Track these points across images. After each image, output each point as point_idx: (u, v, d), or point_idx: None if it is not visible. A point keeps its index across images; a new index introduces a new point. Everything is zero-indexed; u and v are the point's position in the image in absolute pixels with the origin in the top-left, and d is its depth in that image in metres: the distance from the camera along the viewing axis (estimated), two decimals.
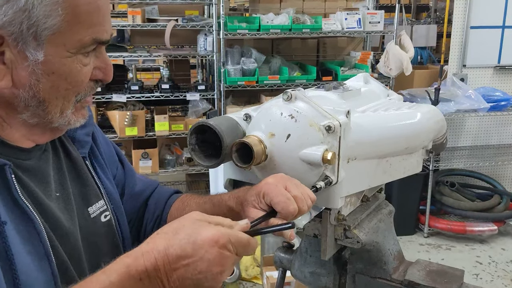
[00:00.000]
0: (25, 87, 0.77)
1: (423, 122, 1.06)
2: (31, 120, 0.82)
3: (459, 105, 4.02)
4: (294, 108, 0.88)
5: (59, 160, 0.94)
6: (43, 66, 0.76)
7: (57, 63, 0.77)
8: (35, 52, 0.75)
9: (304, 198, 0.84)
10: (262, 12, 4.05)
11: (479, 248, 4.05)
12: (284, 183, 0.85)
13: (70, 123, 0.85)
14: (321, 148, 0.85)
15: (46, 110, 0.81)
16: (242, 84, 3.77)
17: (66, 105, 0.82)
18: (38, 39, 0.75)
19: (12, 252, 0.75)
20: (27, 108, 0.80)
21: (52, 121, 0.83)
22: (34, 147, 0.87)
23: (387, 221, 1.09)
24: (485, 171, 4.49)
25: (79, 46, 0.78)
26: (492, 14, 4.28)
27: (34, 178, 0.85)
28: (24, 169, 0.84)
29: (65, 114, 0.83)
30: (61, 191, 0.91)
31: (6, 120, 0.82)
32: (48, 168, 0.89)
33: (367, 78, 1.22)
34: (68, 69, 0.79)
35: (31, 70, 0.76)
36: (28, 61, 0.76)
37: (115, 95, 3.58)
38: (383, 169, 1.02)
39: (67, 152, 0.96)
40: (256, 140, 0.89)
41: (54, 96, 0.80)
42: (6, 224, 0.75)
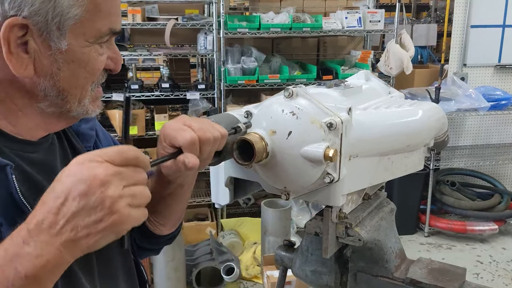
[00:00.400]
0: (46, 76, 0.79)
1: (424, 120, 1.05)
2: (48, 110, 0.83)
3: (460, 104, 4.02)
4: (295, 105, 0.88)
5: (66, 153, 0.94)
6: (64, 55, 0.78)
7: (78, 52, 0.79)
8: (59, 41, 0.77)
9: (205, 127, 0.81)
10: (262, 11, 4.04)
11: (479, 247, 4.05)
12: (182, 120, 0.83)
13: (88, 112, 0.86)
14: (323, 145, 0.85)
15: (65, 100, 0.82)
16: (242, 83, 3.77)
17: (83, 95, 0.83)
18: (61, 29, 0.76)
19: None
20: (46, 98, 0.81)
21: (71, 110, 0.84)
22: (41, 139, 0.87)
23: (388, 219, 1.08)
24: (486, 170, 4.49)
25: (97, 36, 0.80)
26: (493, 13, 4.28)
27: (41, 170, 0.85)
28: (31, 162, 0.84)
29: (83, 103, 0.84)
30: None
31: (22, 110, 0.82)
32: (55, 160, 0.90)
33: (368, 75, 1.21)
34: (87, 58, 0.80)
35: (53, 59, 0.78)
36: (51, 50, 0.77)
37: (115, 94, 3.57)
38: (385, 167, 1.02)
39: (73, 146, 0.97)
40: (257, 137, 0.88)
41: (73, 85, 0.81)
42: (2, 225, 0.75)
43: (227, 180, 1.06)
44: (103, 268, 0.95)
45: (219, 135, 0.83)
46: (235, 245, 3.67)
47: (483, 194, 4.38)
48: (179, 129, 0.81)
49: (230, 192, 1.09)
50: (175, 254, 3.04)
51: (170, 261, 3.04)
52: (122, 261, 1.03)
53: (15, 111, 0.82)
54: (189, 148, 0.80)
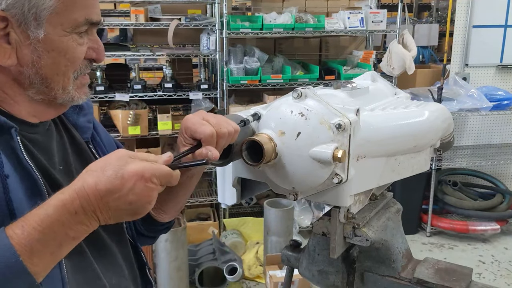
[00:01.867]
0: (28, 64, 0.84)
1: (431, 120, 1.06)
2: (36, 97, 0.89)
3: (462, 104, 4.03)
4: (304, 106, 0.88)
5: (62, 139, 1.00)
6: (43, 44, 0.84)
7: (56, 41, 0.85)
8: (36, 31, 0.83)
9: (222, 123, 0.88)
10: (265, 11, 4.04)
11: (481, 247, 4.06)
12: (201, 115, 0.90)
13: (74, 99, 0.92)
14: (331, 146, 0.85)
15: (49, 87, 0.88)
16: (245, 83, 3.77)
17: (66, 82, 0.89)
18: (38, 19, 0.82)
19: (13, 204, 0.79)
20: (32, 85, 0.87)
21: (56, 97, 0.90)
22: (39, 123, 0.93)
23: (395, 219, 1.09)
24: (488, 170, 4.49)
25: (74, 26, 0.86)
26: (495, 13, 4.28)
27: (39, 149, 0.90)
28: (31, 140, 0.89)
29: (68, 91, 0.90)
30: (64, 165, 0.96)
31: (14, 98, 0.88)
32: (52, 143, 0.95)
33: (374, 76, 1.22)
34: (65, 46, 0.86)
35: (33, 48, 0.83)
36: (30, 39, 0.83)
37: (117, 94, 3.58)
38: (392, 167, 1.02)
39: (71, 135, 1.03)
40: (266, 138, 0.89)
41: (55, 72, 0.87)
42: (9, 177, 0.81)
43: (235, 181, 1.06)
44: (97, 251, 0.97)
45: (232, 129, 0.89)
46: (237, 245, 3.67)
47: (485, 194, 4.38)
48: (199, 123, 0.88)
49: (237, 193, 1.10)
50: (178, 254, 3.05)
51: (173, 261, 3.04)
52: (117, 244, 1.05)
53: (7, 99, 0.88)
54: (208, 141, 0.87)
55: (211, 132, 0.86)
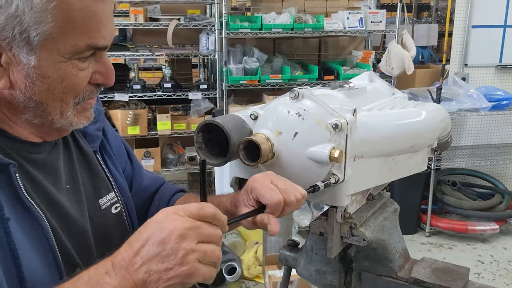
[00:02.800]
0: (21, 89, 0.79)
1: (428, 121, 1.06)
2: (34, 120, 0.84)
3: (461, 104, 4.03)
4: (301, 106, 0.89)
5: (70, 153, 0.96)
6: (37, 70, 0.78)
7: (52, 67, 0.78)
8: (28, 57, 0.77)
9: (290, 190, 0.84)
10: (264, 11, 4.05)
11: (480, 247, 4.06)
12: (270, 178, 0.85)
13: (73, 124, 0.86)
14: (328, 146, 0.86)
15: (46, 111, 0.82)
16: (244, 83, 3.77)
17: (64, 107, 0.83)
18: (31, 44, 0.76)
19: (16, 247, 0.76)
20: (27, 109, 0.82)
21: (54, 122, 0.84)
22: (44, 141, 0.89)
23: (392, 219, 1.09)
24: (487, 170, 4.49)
25: (74, 52, 0.79)
26: (494, 13, 4.28)
27: (43, 171, 0.87)
28: (34, 162, 0.86)
29: (66, 116, 0.84)
30: (71, 183, 0.93)
31: (11, 119, 0.84)
32: (58, 161, 0.91)
33: (372, 76, 1.22)
34: (63, 73, 0.80)
35: (26, 73, 0.78)
36: (22, 64, 0.77)
37: (117, 94, 3.59)
38: (389, 167, 1.03)
39: (79, 146, 0.99)
40: (263, 138, 0.89)
41: (51, 98, 0.81)
42: (10, 220, 0.77)
43: (232, 180, 1.06)
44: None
45: (300, 197, 0.85)
46: (236, 244, 3.67)
47: (484, 194, 4.39)
48: (267, 187, 0.83)
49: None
50: None
51: None
52: None
53: (6, 120, 0.84)
54: (274, 209, 0.83)
55: (279, 200, 0.82)
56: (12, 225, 0.77)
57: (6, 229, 0.76)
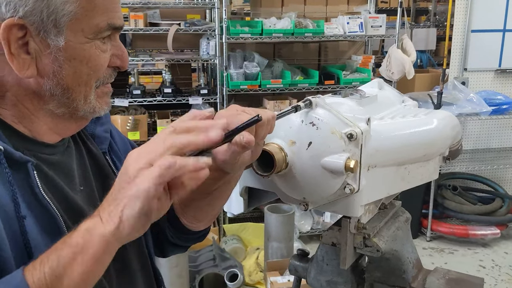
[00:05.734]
0: (49, 75, 0.80)
1: (440, 129, 1.05)
2: (57, 110, 0.84)
3: (461, 108, 4.03)
4: (315, 115, 0.87)
5: (82, 156, 0.96)
6: (64, 52, 0.79)
7: (78, 48, 0.80)
8: (56, 39, 0.78)
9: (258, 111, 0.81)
10: (264, 16, 4.04)
11: (481, 252, 4.05)
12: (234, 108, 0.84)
13: (95, 110, 0.87)
14: (343, 156, 0.84)
15: (71, 98, 0.83)
16: (245, 88, 3.76)
17: (88, 91, 0.85)
18: (58, 26, 0.78)
19: (31, 245, 0.76)
20: (52, 97, 0.82)
21: (78, 108, 0.85)
22: (58, 142, 0.89)
23: (404, 228, 1.08)
24: (487, 174, 4.49)
25: (96, 31, 0.81)
26: (493, 18, 4.29)
27: (59, 172, 0.87)
28: (50, 163, 0.86)
29: (89, 100, 0.85)
30: (84, 185, 0.93)
31: (34, 113, 0.84)
32: (72, 162, 0.92)
33: (381, 84, 1.21)
34: (88, 54, 0.81)
35: (53, 57, 0.79)
36: (50, 48, 0.79)
37: (117, 99, 3.57)
38: (402, 177, 1.01)
39: (88, 149, 0.99)
40: (276, 148, 0.87)
41: (77, 82, 0.82)
42: (26, 218, 0.77)
43: (243, 190, 1.05)
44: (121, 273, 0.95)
45: (270, 117, 0.83)
46: (237, 250, 3.65)
47: (484, 198, 4.38)
48: (234, 114, 0.81)
49: (245, 202, 1.08)
50: (178, 261, 3.03)
51: (174, 268, 3.03)
52: (141, 265, 1.03)
53: (28, 115, 0.84)
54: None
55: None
56: (28, 223, 0.77)
57: (22, 227, 0.76)
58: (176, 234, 1.11)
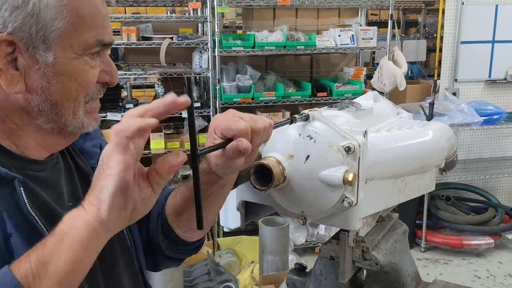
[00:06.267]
0: (37, 90, 0.80)
1: (435, 140, 1.05)
2: (46, 126, 0.84)
3: (453, 119, 4.05)
4: (312, 128, 0.87)
5: (71, 172, 0.95)
6: (53, 68, 0.79)
7: (66, 64, 0.80)
8: (45, 55, 0.78)
9: (256, 118, 0.82)
10: (256, 29, 4.06)
11: (476, 262, 4.05)
12: (232, 113, 0.84)
13: (84, 126, 0.87)
14: (342, 169, 0.84)
15: (60, 113, 0.83)
16: (238, 100, 3.77)
17: (76, 106, 0.84)
18: (46, 42, 0.78)
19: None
20: (41, 113, 0.82)
21: (66, 124, 0.85)
22: (46, 159, 0.89)
23: (402, 241, 1.07)
24: (479, 184, 4.51)
25: (85, 47, 0.81)
26: (482, 29, 4.34)
27: (47, 188, 0.86)
28: (38, 180, 0.85)
29: (78, 116, 0.85)
30: (73, 201, 0.92)
31: (22, 128, 0.84)
32: (60, 179, 0.91)
33: (376, 96, 1.22)
34: (77, 70, 0.82)
35: (42, 73, 0.79)
36: (39, 64, 0.79)
37: (109, 113, 3.56)
38: (399, 189, 1.01)
39: (77, 164, 0.98)
40: (274, 162, 0.87)
41: (65, 98, 0.82)
42: (12, 236, 0.76)
43: (240, 204, 1.04)
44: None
45: (267, 124, 0.83)
46: (232, 264, 3.63)
47: (477, 208, 4.40)
48: (231, 120, 0.82)
49: (242, 216, 1.08)
50: (173, 275, 3.00)
51: (169, 282, 2.99)
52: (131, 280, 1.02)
53: (16, 130, 0.83)
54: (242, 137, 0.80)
55: (245, 127, 0.79)
56: (14, 241, 0.76)
57: (8, 245, 0.75)
58: (171, 246, 1.09)
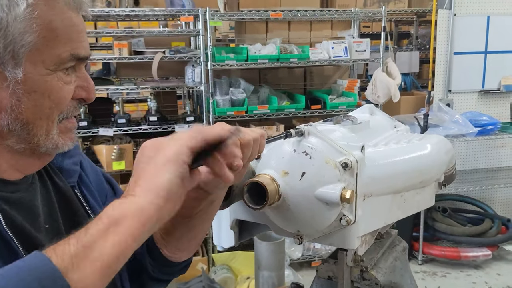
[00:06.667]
0: (6, 109, 0.75)
1: (434, 154, 1.03)
2: (17, 146, 0.79)
3: (447, 130, 4.04)
4: (307, 144, 0.84)
5: (47, 191, 0.90)
6: (23, 85, 0.74)
7: (38, 80, 0.76)
8: (14, 71, 0.73)
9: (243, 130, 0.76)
10: (249, 42, 4.05)
11: (474, 274, 4.01)
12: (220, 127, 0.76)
13: (58, 146, 0.82)
14: (339, 186, 0.81)
15: (32, 133, 0.78)
16: (232, 114, 3.74)
17: (50, 125, 0.79)
18: (16, 58, 0.73)
19: None
20: (11, 133, 0.77)
21: (39, 144, 0.80)
22: (21, 179, 0.83)
23: (402, 258, 1.04)
24: (475, 195, 4.49)
25: (58, 62, 0.77)
26: (474, 40, 4.35)
27: (21, 211, 0.81)
28: (12, 202, 0.80)
29: (51, 136, 0.80)
30: (50, 223, 0.87)
31: None
32: (36, 200, 0.86)
33: (372, 109, 1.19)
34: (49, 86, 0.77)
35: (11, 90, 0.74)
36: (8, 81, 0.74)
37: (101, 129, 3.51)
38: (398, 205, 0.98)
39: (55, 183, 0.93)
40: (268, 179, 0.84)
41: (38, 116, 0.77)
42: None
43: (233, 223, 1.01)
44: None
45: (257, 136, 0.78)
46: (227, 280, 3.57)
47: (473, 219, 4.36)
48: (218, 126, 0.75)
49: (235, 235, 1.05)
50: None
51: None
52: None
53: None
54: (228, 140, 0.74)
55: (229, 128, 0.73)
56: None
57: None
58: (158, 267, 1.04)
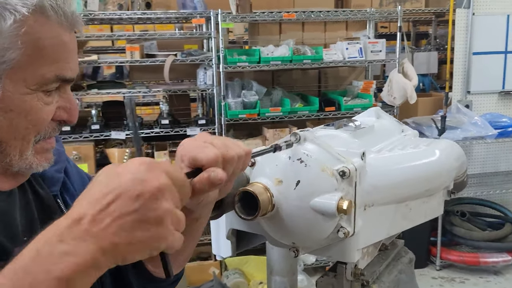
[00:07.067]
0: None
1: (442, 160, 0.96)
2: None
3: (466, 132, 3.93)
4: (303, 151, 0.79)
5: (28, 202, 0.85)
6: (0, 102, 0.71)
7: (16, 99, 0.72)
8: None
9: (228, 145, 0.70)
10: (262, 44, 4.00)
11: (494, 280, 3.90)
12: (203, 138, 0.72)
13: (32, 166, 0.78)
14: (336, 196, 0.75)
15: (4, 152, 0.74)
16: (244, 117, 3.69)
17: (25, 146, 0.76)
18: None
19: None
20: None
21: (12, 164, 0.76)
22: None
23: (408, 271, 0.98)
24: (495, 199, 4.36)
25: (41, 83, 0.73)
26: (494, 40, 4.24)
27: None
28: None
29: (25, 157, 0.76)
30: (29, 234, 0.81)
31: None
32: (13, 211, 0.82)
33: (378, 112, 1.13)
34: (28, 106, 0.73)
35: None
36: None
37: (113, 132, 3.51)
38: (403, 215, 0.92)
39: (36, 192, 0.88)
40: (261, 188, 0.79)
41: (12, 136, 0.73)
42: None
43: (229, 232, 0.96)
44: None
45: (242, 152, 0.72)
46: (240, 285, 3.52)
47: (493, 224, 4.25)
48: (200, 147, 0.70)
49: (233, 245, 1.00)
50: None
51: None
52: None
53: None
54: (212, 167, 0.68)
55: (215, 155, 0.67)
56: None
57: None
58: (144, 284, 0.99)
